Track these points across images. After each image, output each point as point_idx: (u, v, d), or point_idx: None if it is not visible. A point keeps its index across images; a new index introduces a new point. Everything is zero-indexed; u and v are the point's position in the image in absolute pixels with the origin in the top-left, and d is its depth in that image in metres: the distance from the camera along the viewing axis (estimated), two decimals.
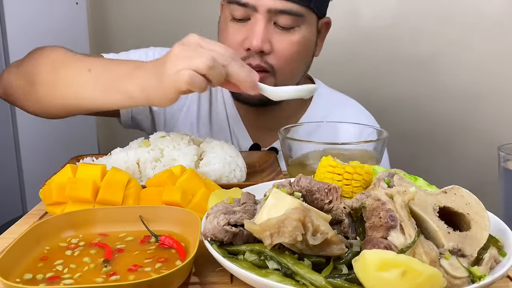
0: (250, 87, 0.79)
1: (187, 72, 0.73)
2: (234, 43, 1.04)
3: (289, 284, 0.49)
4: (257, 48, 1.00)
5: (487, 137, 1.85)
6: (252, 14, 1.01)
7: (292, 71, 1.09)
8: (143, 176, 0.83)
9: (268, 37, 1.02)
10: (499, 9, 1.78)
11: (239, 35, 1.03)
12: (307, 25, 1.06)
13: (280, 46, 1.03)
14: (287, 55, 1.04)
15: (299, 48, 1.06)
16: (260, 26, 1.00)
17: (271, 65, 1.03)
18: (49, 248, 0.59)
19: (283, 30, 1.02)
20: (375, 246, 0.50)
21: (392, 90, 1.91)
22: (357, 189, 0.63)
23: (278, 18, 1.01)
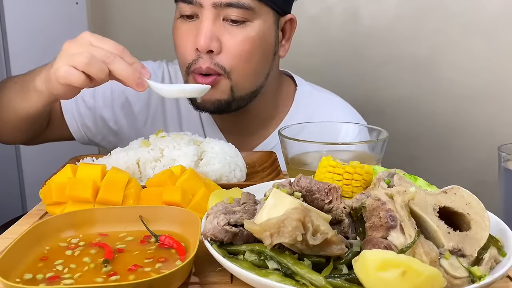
0: (135, 83, 0.80)
1: (64, 67, 0.78)
2: (185, 44, 0.99)
3: (289, 284, 0.49)
4: (204, 48, 0.95)
5: (487, 137, 1.85)
6: (199, 10, 0.96)
7: (248, 71, 1.01)
8: (143, 176, 0.83)
9: (217, 34, 0.96)
10: (499, 9, 1.78)
11: (188, 36, 0.99)
12: (261, 21, 0.99)
13: (231, 43, 0.97)
14: (239, 53, 0.98)
15: (253, 45, 0.99)
16: (206, 23, 0.95)
17: (223, 67, 0.98)
18: (49, 248, 0.59)
19: (233, 25, 0.96)
20: (375, 246, 0.50)
21: (392, 90, 1.91)
22: (357, 189, 0.63)
23: (226, 12, 0.95)
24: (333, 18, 1.86)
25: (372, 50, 1.88)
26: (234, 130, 1.16)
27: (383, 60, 1.88)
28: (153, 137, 0.90)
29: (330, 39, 1.87)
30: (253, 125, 1.15)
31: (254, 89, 1.06)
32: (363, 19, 1.86)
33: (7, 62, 1.46)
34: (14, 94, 0.96)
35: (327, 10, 1.85)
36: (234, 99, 1.03)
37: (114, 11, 1.95)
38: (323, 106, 1.20)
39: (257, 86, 1.06)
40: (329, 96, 1.24)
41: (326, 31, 1.86)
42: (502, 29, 1.79)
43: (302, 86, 1.22)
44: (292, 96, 1.20)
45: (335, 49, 1.88)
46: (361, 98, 1.30)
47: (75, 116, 1.14)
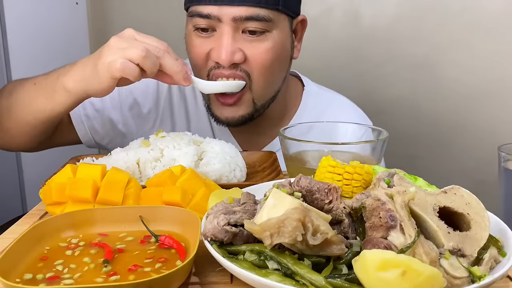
0: (183, 78, 0.83)
1: (120, 60, 0.79)
2: (201, 56, 1.00)
3: (289, 284, 0.49)
4: (226, 62, 0.96)
5: (487, 137, 1.85)
6: (217, 24, 0.96)
7: (269, 78, 1.03)
8: (143, 176, 0.83)
9: (239, 46, 0.97)
10: (499, 9, 1.78)
11: (205, 48, 0.99)
12: (279, 29, 1.00)
13: (254, 54, 0.98)
14: (262, 63, 0.99)
15: (274, 55, 1.00)
16: (227, 37, 0.95)
17: (248, 73, 0.99)
18: (49, 248, 0.59)
19: (253, 37, 0.97)
20: (375, 246, 0.50)
21: (392, 90, 1.91)
22: (357, 189, 0.63)
23: (245, 25, 0.96)
24: (333, 19, 1.86)
25: (372, 50, 1.88)
26: (244, 130, 1.16)
27: (383, 60, 1.88)
28: (153, 137, 0.90)
29: (330, 39, 1.87)
30: (263, 125, 1.16)
31: (273, 95, 1.08)
32: (363, 20, 1.86)
33: (7, 62, 1.46)
34: (35, 96, 0.95)
35: (327, 11, 1.85)
36: (256, 110, 1.05)
37: (114, 11, 1.95)
38: (330, 106, 1.21)
39: (275, 92, 1.08)
40: (335, 96, 1.25)
41: (326, 31, 1.86)
42: (502, 28, 1.79)
43: (309, 86, 1.23)
44: (300, 96, 1.21)
45: (335, 49, 1.88)
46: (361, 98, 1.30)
47: (83, 119, 1.15)
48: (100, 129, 1.16)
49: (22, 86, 0.99)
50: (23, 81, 1.01)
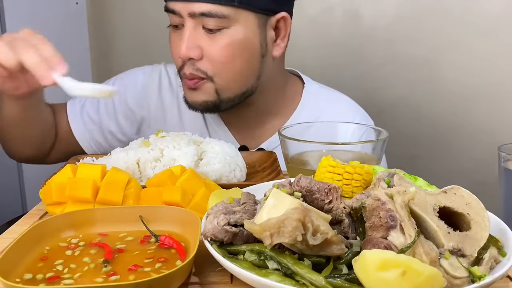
0: (40, 76, 0.77)
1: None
2: (174, 52, 1.05)
3: (289, 284, 0.49)
4: (183, 56, 0.99)
5: (487, 137, 1.85)
6: (182, 20, 1.00)
7: (232, 76, 1.03)
8: (143, 176, 0.83)
9: (197, 42, 0.99)
10: (499, 9, 1.78)
11: (176, 44, 1.03)
12: (241, 26, 1.00)
13: (210, 50, 1.00)
14: (220, 59, 1.00)
15: (234, 50, 1.00)
16: (186, 32, 0.99)
17: (204, 71, 1.01)
18: (49, 248, 0.59)
19: (211, 33, 0.99)
20: (375, 246, 0.50)
21: (392, 90, 1.91)
22: (357, 189, 0.63)
23: (204, 21, 0.98)
24: (333, 19, 1.86)
25: (372, 50, 1.88)
26: (240, 126, 1.18)
27: (383, 60, 1.88)
28: (153, 137, 0.90)
29: (330, 39, 1.87)
30: (257, 120, 1.17)
31: (244, 90, 1.08)
32: (363, 20, 1.86)
33: None
34: None
35: (327, 11, 1.85)
36: (221, 100, 1.06)
37: (114, 11, 1.95)
38: (330, 103, 1.21)
39: (247, 88, 1.08)
40: (336, 95, 1.26)
41: (326, 32, 1.86)
42: (501, 29, 1.79)
43: (309, 84, 1.23)
44: (300, 94, 1.21)
45: (335, 49, 1.88)
46: (361, 98, 1.30)
47: (85, 134, 1.17)
48: (102, 141, 1.19)
49: None
50: None
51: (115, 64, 1.95)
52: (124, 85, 1.20)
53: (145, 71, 1.23)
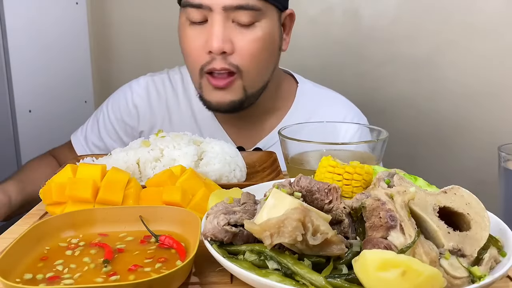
0: None
1: None
2: (195, 47, 1.02)
3: (289, 284, 0.49)
4: (217, 50, 0.98)
5: (487, 137, 1.85)
6: (209, 14, 0.98)
7: (259, 69, 1.05)
8: (143, 176, 0.83)
9: (229, 36, 0.99)
10: (499, 9, 1.78)
11: (198, 40, 1.01)
12: (268, 20, 1.02)
13: (242, 44, 1.00)
14: (251, 53, 1.01)
15: (263, 44, 1.02)
16: (217, 26, 0.97)
17: (236, 66, 1.01)
18: (49, 248, 0.59)
19: (242, 27, 0.99)
20: (375, 246, 0.50)
21: (392, 90, 1.91)
22: (357, 189, 0.63)
23: (236, 15, 0.98)
24: (333, 18, 1.86)
25: (372, 50, 1.88)
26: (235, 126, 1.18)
27: (383, 60, 1.88)
28: (153, 137, 0.90)
29: (330, 39, 1.87)
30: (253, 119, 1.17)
31: (262, 85, 1.09)
32: (363, 20, 1.86)
33: (7, 62, 1.46)
34: None
35: (327, 10, 1.85)
36: (246, 97, 1.06)
37: (114, 11, 1.95)
38: (324, 102, 1.21)
39: (265, 82, 1.10)
40: (329, 93, 1.26)
41: (326, 31, 1.86)
42: (501, 29, 1.79)
43: (303, 83, 1.24)
44: (294, 93, 1.22)
45: (335, 49, 1.88)
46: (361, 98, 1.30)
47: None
48: None
49: None
50: None
51: (115, 64, 1.95)
52: (118, 104, 1.22)
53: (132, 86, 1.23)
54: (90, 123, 1.25)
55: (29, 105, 1.54)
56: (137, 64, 1.90)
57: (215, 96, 1.05)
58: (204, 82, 1.05)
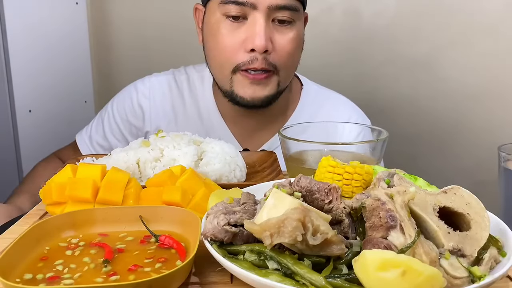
0: None
1: None
2: (233, 44, 1.01)
3: (289, 284, 0.49)
4: (261, 48, 0.99)
5: (487, 137, 1.85)
6: (250, 12, 0.99)
7: (291, 68, 1.09)
8: (143, 176, 0.83)
9: (269, 35, 1.00)
10: (499, 9, 1.78)
11: (237, 36, 1.01)
12: (300, 21, 1.06)
13: (282, 43, 1.02)
14: (288, 52, 1.03)
15: (297, 43, 1.06)
16: (262, 24, 0.98)
17: (274, 65, 1.02)
18: (49, 248, 0.59)
19: (281, 26, 1.02)
20: (375, 246, 0.50)
21: (392, 90, 1.91)
22: (357, 189, 0.63)
23: (276, 14, 1.00)
24: (333, 18, 1.86)
25: (372, 50, 1.88)
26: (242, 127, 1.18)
27: (383, 60, 1.88)
28: (153, 137, 0.90)
29: (330, 39, 1.87)
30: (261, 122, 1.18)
31: (289, 83, 1.12)
32: (363, 19, 1.86)
33: (7, 62, 1.46)
34: None
35: (327, 10, 1.85)
36: (278, 93, 1.08)
37: (114, 11, 1.94)
38: (328, 104, 1.22)
39: (290, 80, 1.13)
40: (334, 95, 1.27)
41: (326, 31, 1.86)
42: (502, 28, 1.79)
43: (307, 85, 1.24)
44: (299, 94, 1.23)
45: (335, 49, 1.88)
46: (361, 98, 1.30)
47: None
48: None
49: None
50: None
51: (115, 64, 1.95)
52: (123, 104, 1.22)
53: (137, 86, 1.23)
54: (95, 123, 1.25)
55: (29, 105, 1.53)
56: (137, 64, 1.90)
57: (251, 91, 1.05)
58: (237, 78, 1.05)
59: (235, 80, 1.05)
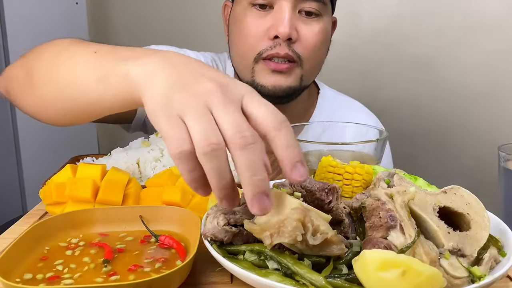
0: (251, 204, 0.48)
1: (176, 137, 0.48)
2: (257, 31, 1.01)
3: (289, 284, 0.49)
4: (285, 35, 0.98)
5: (487, 137, 1.85)
6: (277, 1, 1.00)
7: (317, 62, 1.08)
8: (143, 176, 0.83)
9: (295, 24, 1.00)
10: (499, 9, 1.78)
11: (262, 24, 1.01)
12: (328, 16, 1.06)
13: (307, 33, 1.02)
14: (313, 43, 1.03)
15: (323, 38, 1.05)
16: (287, 12, 0.98)
17: (298, 55, 1.02)
18: (49, 248, 0.59)
19: (307, 18, 1.02)
20: (375, 246, 0.50)
21: (392, 90, 1.91)
22: (357, 189, 0.63)
23: (303, 5, 1.00)
24: None
25: (372, 50, 1.88)
26: None
27: (384, 60, 1.88)
28: (153, 137, 0.90)
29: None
30: None
31: (311, 80, 1.11)
32: (363, 19, 1.86)
33: (7, 62, 1.46)
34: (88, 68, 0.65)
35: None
36: (301, 87, 1.07)
37: (114, 11, 1.95)
38: (344, 109, 1.22)
39: (313, 78, 1.12)
40: (348, 100, 1.28)
41: None
42: (502, 28, 1.79)
43: (324, 89, 1.25)
44: (316, 98, 1.23)
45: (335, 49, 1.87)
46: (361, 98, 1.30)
47: None
48: None
49: (74, 47, 0.75)
50: (81, 44, 0.76)
51: None
52: None
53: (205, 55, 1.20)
54: None
55: None
56: None
57: (272, 79, 1.03)
58: (259, 67, 1.04)
59: (257, 70, 1.04)
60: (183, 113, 0.48)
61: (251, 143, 0.47)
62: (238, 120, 0.47)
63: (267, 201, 0.47)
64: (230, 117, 0.47)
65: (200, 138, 0.46)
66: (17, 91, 0.83)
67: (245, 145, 0.47)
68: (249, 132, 0.47)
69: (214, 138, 0.46)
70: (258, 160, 0.48)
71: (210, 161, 0.47)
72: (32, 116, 0.85)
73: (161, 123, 0.49)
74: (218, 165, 0.47)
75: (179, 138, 0.47)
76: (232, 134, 0.47)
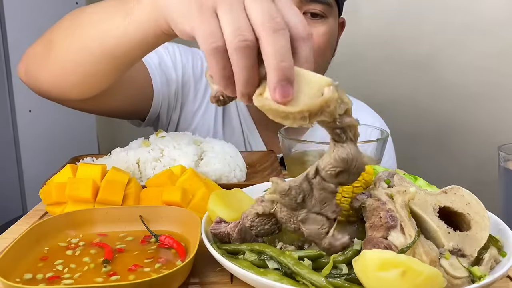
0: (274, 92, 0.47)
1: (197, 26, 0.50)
2: None
3: (289, 284, 0.49)
4: None
5: (487, 137, 1.85)
6: None
7: (321, 63, 1.08)
8: (143, 176, 0.83)
9: None
10: (499, 9, 1.78)
11: None
12: (333, 18, 1.06)
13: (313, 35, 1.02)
14: (318, 45, 1.03)
15: (328, 39, 1.05)
16: None
17: None
18: (49, 248, 0.59)
19: (312, 20, 1.02)
20: (375, 246, 0.50)
21: (392, 90, 1.91)
22: (357, 189, 0.63)
23: (308, 7, 1.00)
24: None
25: (372, 50, 1.88)
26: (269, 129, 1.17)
27: (383, 60, 1.88)
28: (153, 137, 0.90)
29: None
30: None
31: None
32: (363, 19, 1.86)
33: (7, 62, 1.46)
34: (110, 11, 0.71)
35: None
36: None
37: None
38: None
39: None
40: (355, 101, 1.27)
41: None
42: (502, 28, 1.79)
43: None
44: None
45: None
46: (361, 97, 1.30)
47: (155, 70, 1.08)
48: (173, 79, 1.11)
49: (94, 6, 0.79)
50: (93, 5, 0.80)
51: None
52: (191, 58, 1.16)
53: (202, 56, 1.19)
54: None
55: (29, 105, 1.54)
56: None
57: None
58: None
59: None
60: (216, 3, 0.49)
61: (282, 28, 0.47)
62: (269, 8, 0.48)
63: (290, 89, 0.47)
64: (261, 5, 0.48)
65: (232, 29, 0.47)
66: (37, 65, 0.88)
67: (277, 29, 0.47)
68: (280, 19, 0.48)
69: (246, 31, 0.47)
70: (287, 47, 0.47)
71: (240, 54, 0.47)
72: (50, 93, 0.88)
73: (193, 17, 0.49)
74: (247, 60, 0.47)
75: (212, 32, 0.47)
76: (264, 19, 0.47)
